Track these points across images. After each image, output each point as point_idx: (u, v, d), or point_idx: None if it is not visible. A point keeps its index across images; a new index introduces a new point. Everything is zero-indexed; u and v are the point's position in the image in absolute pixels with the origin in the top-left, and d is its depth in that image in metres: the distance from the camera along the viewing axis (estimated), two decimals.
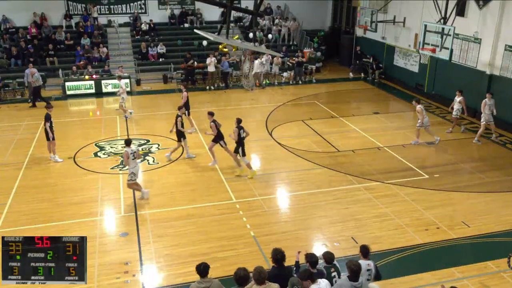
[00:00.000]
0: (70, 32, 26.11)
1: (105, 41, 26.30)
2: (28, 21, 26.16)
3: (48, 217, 11.24)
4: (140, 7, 28.29)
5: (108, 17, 27.68)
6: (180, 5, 28.73)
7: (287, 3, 29.88)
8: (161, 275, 9.17)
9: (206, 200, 12.07)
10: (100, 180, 13.28)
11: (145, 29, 27.09)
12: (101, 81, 22.48)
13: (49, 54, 24.47)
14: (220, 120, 13.83)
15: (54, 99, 21.32)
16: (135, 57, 25.63)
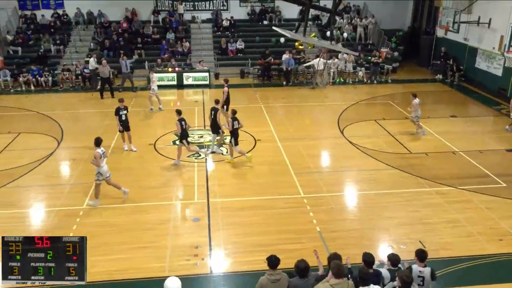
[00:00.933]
0: (157, 27, 27.24)
1: (188, 36, 27.16)
2: (121, 16, 27.65)
3: (129, 198, 11.82)
4: (222, 4, 28.88)
5: (192, 14, 28.56)
6: (260, 3, 28.98)
7: (367, 2, 29.14)
8: (228, 261, 9.36)
9: (275, 193, 12.13)
10: (177, 167, 13.76)
11: (225, 26, 27.66)
12: (183, 73, 23.28)
13: (138, 47, 25.70)
14: (293, 117, 13.78)
15: (140, 89, 22.40)
16: (215, 52, 26.25)
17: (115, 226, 10.57)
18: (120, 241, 9.96)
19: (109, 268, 9.06)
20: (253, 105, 20.12)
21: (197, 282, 8.72)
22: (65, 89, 22.74)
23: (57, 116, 18.30)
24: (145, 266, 9.13)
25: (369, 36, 27.83)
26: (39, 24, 27.14)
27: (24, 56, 25.09)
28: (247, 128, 16.78)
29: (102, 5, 27.50)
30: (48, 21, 27.14)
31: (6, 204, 11.61)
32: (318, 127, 17.48)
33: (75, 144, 15.34)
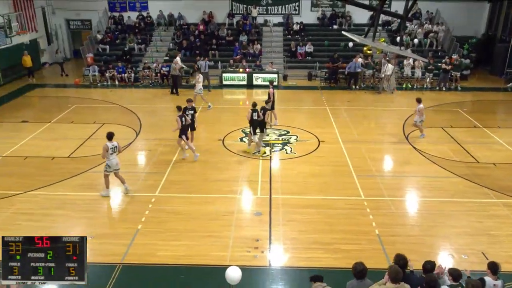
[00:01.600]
0: (231, 29, 27.75)
1: (260, 38, 27.42)
2: (198, 18, 28.47)
3: (196, 189, 12.19)
4: (294, 8, 28.86)
5: (265, 17, 28.78)
6: (331, 8, 28.64)
7: (439, 8, 27.86)
8: (286, 256, 9.36)
9: (336, 193, 11.96)
10: (242, 162, 13.97)
11: (296, 29, 27.62)
12: (253, 74, 23.55)
13: (212, 48, 26.34)
14: (357, 120, 13.50)
15: (212, 88, 22.94)
16: (284, 55, 26.30)
17: (183, 214, 10.91)
18: (187, 228, 10.28)
19: (176, 252, 9.38)
20: (319, 107, 19.94)
21: (255, 274, 8.80)
22: (145, 85, 23.80)
23: (136, 110, 19.19)
24: (209, 253, 9.36)
25: (440, 43, 26.59)
26: (125, 25, 28.63)
27: (111, 54, 26.59)
28: (312, 129, 16.71)
29: (182, 8, 28.48)
30: (133, 22, 28.56)
31: (88, 187, 12.36)
32: (382, 131, 17.00)
33: (151, 136, 16.01)
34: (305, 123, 17.52)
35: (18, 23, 23.92)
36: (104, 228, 10.38)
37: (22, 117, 18.36)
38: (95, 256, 9.29)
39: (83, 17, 29.63)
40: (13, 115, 18.72)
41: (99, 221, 10.70)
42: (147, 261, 9.13)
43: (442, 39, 26.54)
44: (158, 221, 10.58)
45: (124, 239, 9.85)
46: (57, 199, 11.67)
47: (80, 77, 24.81)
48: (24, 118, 18.22)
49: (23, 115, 18.64)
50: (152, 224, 10.47)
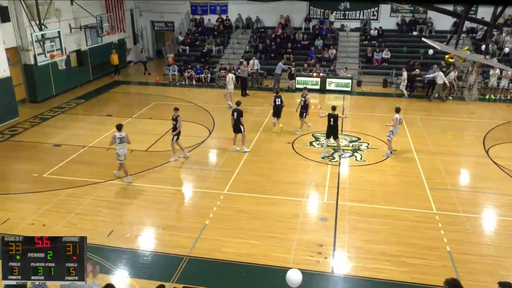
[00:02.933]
0: (307, 33, 27.66)
1: (336, 43, 27.05)
2: (275, 22, 28.69)
3: (264, 189, 12.29)
4: (373, 13, 28.16)
5: (342, 22, 28.36)
6: (411, 13, 27.58)
7: None
8: (350, 264, 9.16)
9: (405, 204, 11.49)
10: (311, 166, 13.86)
11: (373, 35, 26.93)
12: (326, 79, 23.29)
13: (287, 52, 26.42)
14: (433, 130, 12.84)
15: (285, 91, 23.01)
16: (360, 60, 25.73)
17: (249, 213, 11.05)
18: (252, 227, 10.39)
19: (240, 250, 9.52)
20: (393, 115, 19.23)
21: (317, 279, 8.70)
22: (220, 85, 24.38)
23: (210, 109, 19.74)
24: (272, 254, 9.39)
25: None
26: (205, 27, 29.56)
27: (190, 55, 27.59)
28: (384, 137, 16.19)
29: (260, 12, 28.87)
30: (213, 24, 29.42)
31: (162, 180, 12.91)
32: (460, 143, 16.08)
33: (223, 135, 16.37)
34: (377, 130, 17.01)
35: (109, 24, 25.54)
36: (174, 220, 10.79)
37: (107, 111, 19.60)
38: (164, 246, 9.70)
39: (166, 19, 31.02)
40: (99, 109, 20.06)
41: (169, 213, 11.15)
42: (212, 256, 9.36)
43: None
44: (225, 218, 10.80)
45: (192, 232, 10.17)
46: (133, 189, 12.33)
47: (161, 76, 26.01)
48: (109, 112, 19.44)
49: (108, 109, 19.90)
50: (219, 220, 10.71)
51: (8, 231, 10.11)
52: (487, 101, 21.48)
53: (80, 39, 23.92)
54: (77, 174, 13.21)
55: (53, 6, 20.67)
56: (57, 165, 13.86)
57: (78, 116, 18.99)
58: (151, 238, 10.12)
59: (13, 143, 15.86)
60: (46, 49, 18.22)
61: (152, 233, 10.32)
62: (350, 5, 28.14)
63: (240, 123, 14.56)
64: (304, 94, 16.48)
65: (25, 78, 20.45)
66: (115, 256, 9.37)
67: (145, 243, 9.93)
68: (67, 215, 10.93)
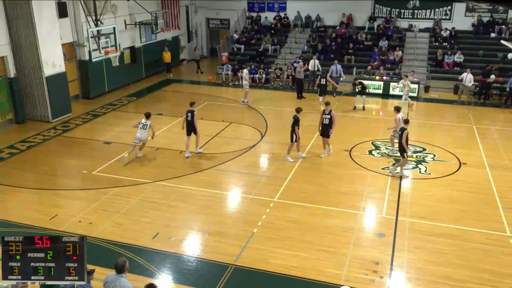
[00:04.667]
0: (371, 33, 27.17)
1: (402, 44, 26.36)
2: (337, 20, 28.44)
3: (316, 199, 12.16)
4: (445, 13, 27.20)
5: (410, 21, 27.61)
6: (489, 13, 26.37)
7: None
8: (408, 286, 8.85)
9: (475, 224, 10.94)
10: (369, 177, 13.57)
11: (445, 36, 26.00)
12: (390, 83, 22.71)
13: (348, 53, 26.08)
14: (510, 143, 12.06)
15: (344, 94, 22.70)
16: (428, 63, 24.90)
17: (300, 223, 10.97)
18: (302, 239, 10.30)
19: (289, 262, 9.47)
20: (464, 124, 18.49)
21: None
22: (275, 87, 24.48)
23: (264, 111, 19.84)
24: (323, 269, 9.26)
25: None
26: (262, 25, 29.81)
27: (245, 54, 27.90)
28: (453, 148, 15.59)
29: (321, 10, 28.72)
30: (270, 22, 29.61)
31: (211, 184, 13.11)
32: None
33: (276, 139, 16.39)
34: (445, 141, 16.38)
35: (164, 21, 26.36)
36: (221, 226, 10.90)
37: (158, 109, 20.20)
38: (210, 253, 9.83)
39: (222, 17, 31.59)
40: (150, 107, 20.65)
41: (217, 218, 11.29)
42: (259, 266, 9.37)
43: None
44: (274, 227, 10.79)
45: (239, 240, 10.23)
46: (181, 192, 12.61)
47: (214, 75, 26.48)
48: (160, 110, 20.03)
49: (159, 108, 20.52)
50: (268, 229, 10.71)
51: (56, 227, 10.65)
52: None
53: (134, 36, 24.88)
54: (125, 173, 13.70)
55: (110, 2, 21.65)
56: (106, 163, 14.45)
57: (129, 114, 19.71)
58: (197, 243, 10.29)
59: (65, 139, 16.73)
60: (101, 45, 19.09)
61: (197, 238, 10.50)
62: (420, 3, 27.36)
63: (294, 131, 14.25)
64: (327, 110, 14.74)
65: (79, 74, 21.54)
66: (159, 259, 9.61)
67: (190, 248, 10.11)
68: (114, 214, 11.35)
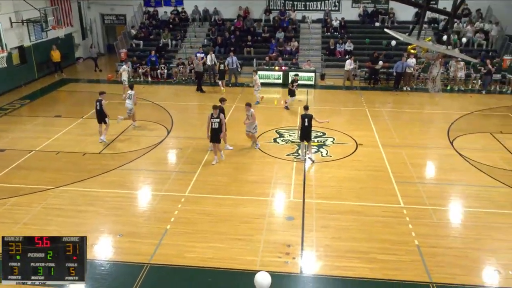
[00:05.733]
0: (268, 26, 27.79)
1: (297, 35, 27.32)
2: (234, 14, 28.67)
3: (227, 190, 12.25)
4: (334, 4, 28.63)
5: (303, 13, 28.67)
6: (373, 4, 28.26)
7: (491, 6, 26.96)
8: (318, 264, 9.28)
9: (373, 200, 11.77)
10: (275, 164, 13.95)
11: (335, 26, 27.39)
12: (289, 73, 23.48)
13: (247, 45, 26.46)
14: (399, 123, 13.19)
15: (246, 86, 23.04)
16: (322, 53, 26.10)
17: (213, 215, 11.00)
18: (216, 230, 10.35)
19: (204, 254, 9.46)
20: (358, 108, 19.69)
21: (286, 280, 8.77)
22: (178, 81, 24.14)
23: (168, 107, 19.50)
24: (238, 257, 9.39)
25: (491, 42, 25.75)
26: (160, 20, 29.15)
27: (144, 49, 27.11)
28: (350, 131, 16.53)
29: (218, 3, 28.79)
30: (168, 17, 29.04)
31: (119, 184, 12.65)
32: (426, 135, 16.62)
33: (182, 134, 16.22)
34: (342, 125, 17.34)
35: (54, 18, 24.73)
36: (133, 226, 10.58)
37: (55, 111, 19.00)
38: (123, 255, 9.51)
39: (117, 12, 30.40)
40: (46, 109, 19.42)
41: (128, 219, 10.93)
42: (175, 262, 9.26)
43: (494, 38, 25.67)
44: (187, 222, 10.71)
45: (153, 238, 10.02)
46: (87, 195, 12.01)
47: (113, 72, 25.44)
48: (57, 112, 18.85)
49: (57, 110, 19.30)
50: (181, 224, 10.61)
51: None
52: (449, 92, 22.30)
53: (22, 35, 23.04)
54: (24, 181, 12.73)
55: None
56: (2, 171, 13.32)
57: (22, 118, 18.30)
58: (109, 247, 9.90)
59: None
60: None
61: (109, 241, 10.09)
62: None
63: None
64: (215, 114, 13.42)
65: None
66: None
67: (102, 252, 9.69)
68: (14, 225, 10.51)
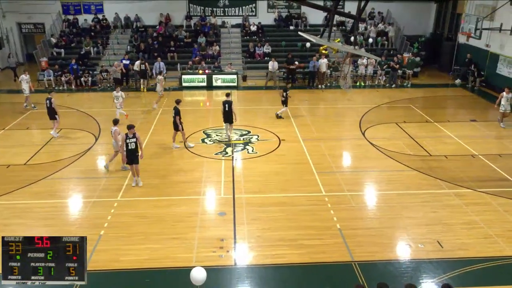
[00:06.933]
0: (189, 31, 27.50)
1: (218, 40, 27.31)
2: (155, 20, 28.05)
3: (160, 191, 12.01)
4: (251, 10, 28.95)
5: (223, 19, 28.71)
6: (287, 9, 28.95)
7: (390, 9, 28.71)
8: (251, 254, 9.38)
9: (298, 190, 12.09)
10: (205, 163, 13.87)
11: (253, 30, 27.72)
12: (212, 75, 23.43)
13: (170, 50, 26.00)
14: (316, 118, 13.65)
15: (172, 90, 22.66)
16: (243, 56, 26.32)
17: (147, 217, 10.72)
18: (151, 231, 10.10)
19: (140, 256, 9.21)
20: (278, 106, 20.07)
21: (221, 273, 8.77)
22: (103, 88, 23.19)
23: (95, 114, 18.68)
24: (174, 255, 9.25)
25: (391, 42, 27.43)
26: (80, 28, 27.78)
27: (66, 58, 25.69)
28: (272, 128, 16.83)
29: (139, 10, 28.00)
30: (89, 25, 27.77)
31: (48, 194, 11.93)
32: (340, 128, 17.34)
33: (110, 140, 15.57)
34: (265, 122, 17.61)
35: None
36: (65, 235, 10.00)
37: None
38: None
39: (35, 21, 28.51)
40: None
41: (59, 228, 10.33)
42: (112, 266, 8.92)
43: (393, 38, 27.37)
44: (121, 226, 10.34)
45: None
46: (15, 207, 11.20)
47: (34, 82, 23.85)
48: None
49: None
50: (115, 229, 10.22)
51: None
52: (359, 88, 23.45)
53: None
54: None
55: None
56: None
57: None
58: None
59: None
60: None
61: None
62: (229, 2, 28.63)
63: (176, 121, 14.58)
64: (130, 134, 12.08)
65: None
66: None
67: None
68: None
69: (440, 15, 28.90)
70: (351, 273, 8.68)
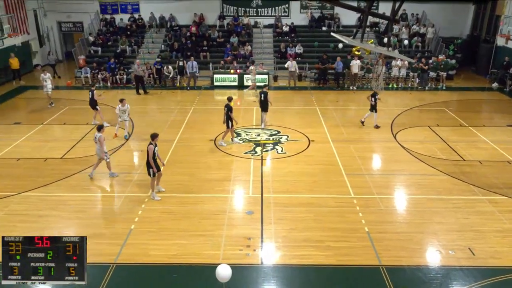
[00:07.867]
0: (222, 31, 27.70)
1: (250, 40, 27.39)
2: (189, 20, 28.40)
3: (189, 189, 12.15)
4: (284, 10, 28.90)
5: (255, 19, 28.78)
6: (319, 10, 28.74)
7: (426, 10, 28.07)
8: (278, 254, 9.36)
9: (326, 191, 11.99)
10: (234, 162, 13.94)
11: (286, 31, 27.66)
12: (244, 75, 23.52)
13: (203, 50, 26.27)
14: (346, 119, 13.46)
15: (204, 89, 22.89)
16: (274, 56, 26.30)
17: (176, 213, 10.87)
18: (179, 227, 10.24)
19: (169, 252, 9.34)
20: (309, 107, 19.99)
21: (247, 272, 8.79)
22: None
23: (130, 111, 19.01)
24: (201, 252, 9.33)
25: (427, 43, 26.81)
26: (117, 27, 28.44)
27: (103, 56, 26.37)
28: (302, 128, 16.77)
29: (173, 10, 28.43)
30: (125, 24, 28.39)
31: (81, 188, 12.27)
32: (371, 130, 17.07)
33: (144, 137, 15.88)
34: (295, 123, 17.54)
35: (10, 26, 23.63)
36: (98, 228, 10.29)
37: (14, 118, 18.17)
38: (88, 256, 9.16)
39: (74, 19, 29.40)
40: (5, 116, 18.52)
41: (92, 221, 10.62)
42: (140, 260, 9.09)
43: (429, 40, 26.73)
44: (151, 221, 10.53)
45: (118, 239, 9.78)
46: (50, 200, 11.57)
47: (72, 79, 24.61)
48: (17, 119, 18.04)
49: (16, 117, 18.46)
50: (145, 224, 10.41)
51: None
52: (391, 90, 23.02)
53: None
54: None
55: None
56: None
57: None
58: None
59: None
60: None
61: None
62: (262, 2, 28.67)
63: (229, 118, 14.97)
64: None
65: None
66: None
67: None
68: None
69: (478, 17, 28.05)
70: (378, 277, 8.54)
